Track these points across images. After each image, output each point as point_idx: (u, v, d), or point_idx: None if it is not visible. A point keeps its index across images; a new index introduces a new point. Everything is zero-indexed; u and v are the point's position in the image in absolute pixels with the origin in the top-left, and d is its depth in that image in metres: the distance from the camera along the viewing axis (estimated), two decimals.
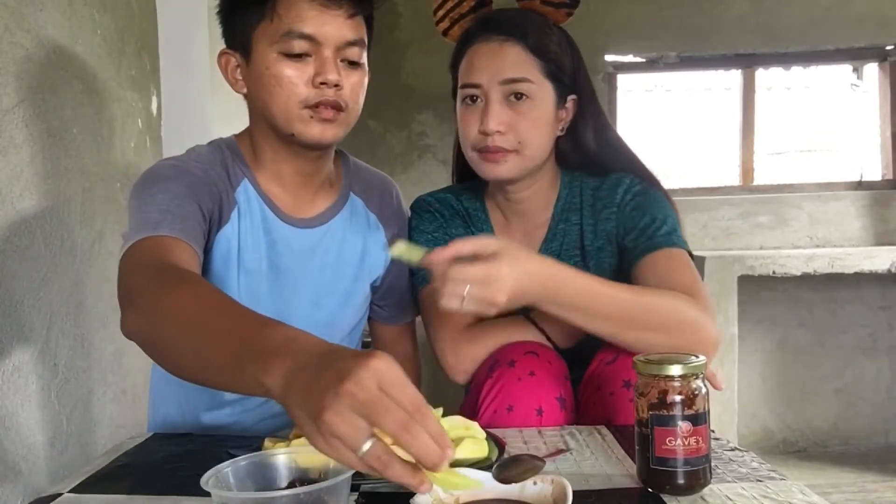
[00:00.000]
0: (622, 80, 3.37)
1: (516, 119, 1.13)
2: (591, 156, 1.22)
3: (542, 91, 1.15)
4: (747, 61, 3.33)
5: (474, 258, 0.89)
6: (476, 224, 1.26)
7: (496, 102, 1.13)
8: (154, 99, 1.92)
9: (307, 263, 1.13)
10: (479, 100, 1.15)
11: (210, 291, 0.76)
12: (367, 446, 0.53)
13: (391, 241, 1.23)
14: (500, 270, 0.89)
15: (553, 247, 1.23)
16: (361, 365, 0.54)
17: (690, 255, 1.15)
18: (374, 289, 1.25)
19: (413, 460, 0.55)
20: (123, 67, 1.72)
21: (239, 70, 1.06)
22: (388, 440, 0.55)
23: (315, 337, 0.62)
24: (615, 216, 1.19)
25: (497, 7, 1.22)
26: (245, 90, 1.07)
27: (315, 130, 1.01)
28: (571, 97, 1.19)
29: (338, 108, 1.01)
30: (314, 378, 0.55)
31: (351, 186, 1.20)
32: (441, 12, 1.22)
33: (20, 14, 1.28)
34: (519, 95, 1.13)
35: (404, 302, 1.28)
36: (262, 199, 1.09)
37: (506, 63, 1.14)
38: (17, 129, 1.27)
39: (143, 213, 0.94)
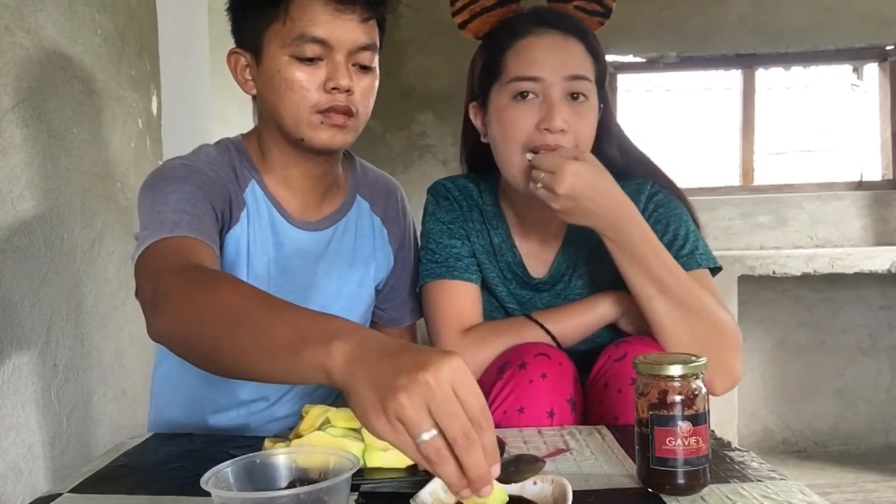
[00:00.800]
0: (622, 80, 3.37)
1: (576, 120, 1.08)
2: (613, 166, 1.20)
3: (594, 94, 1.12)
4: (747, 61, 3.33)
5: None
6: (490, 221, 1.23)
7: (560, 100, 1.07)
8: (154, 99, 1.92)
9: (314, 266, 1.12)
10: (530, 95, 1.08)
11: (250, 287, 0.75)
12: (428, 436, 0.54)
13: (395, 245, 1.23)
14: (567, 165, 1.00)
15: (570, 251, 1.21)
16: (443, 360, 0.55)
17: (717, 269, 1.15)
18: (377, 291, 1.25)
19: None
20: (123, 67, 1.72)
21: (248, 70, 1.04)
22: None
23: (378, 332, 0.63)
24: None
25: (524, 6, 1.17)
26: (254, 91, 1.05)
27: (325, 136, 1.00)
28: (601, 106, 1.16)
29: (348, 113, 1.00)
30: (389, 361, 0.56)
31: (358, 189, 1.19)
32: (459, 3, 1.17)
33: (20, 14, 1.28)
34: (576, 95, 1.08)
35: (406, 304, 1.28)
36: (270, 202, 1.08)
37: (571, 58, 1.09)
38: (17, 129, 1.27)
39: (157, 213, 0.92)
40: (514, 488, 0.70)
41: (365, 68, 1.02)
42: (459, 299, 1.17)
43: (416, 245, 1.27)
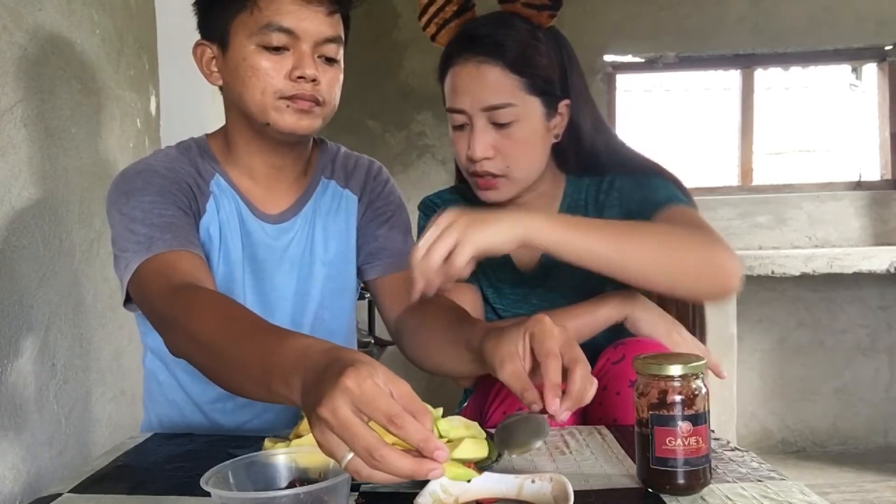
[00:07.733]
0: (621, 80, 3.37)
1: (502, 143, 1.11)
2: (589, 155, 1.20)
3: (528, 109, 1.11)
4: (746, 61, 3.33)
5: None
6: None
7: (480, 130, 1.10)
8: (153, 99, 1.92)
9: (283, 255, 1.12)
10: (461, 124, 1.13)
11: (222, 310, 0.81)
12: (346, 460, 0.57)
13: (365, 209, 1.18)
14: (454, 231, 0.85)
15: None
16: (333, 389, 0.57)
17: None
18: (367, 248, 1.18)
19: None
20: (122, 67, 1.72)
21: (214, 62, 1.06)
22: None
23: (323, 344, 0.67)
24: (618, 202, 1.17)
25: (480, 12, 1.16)
26: (220, 82, 1.07)
27: (291, 120, 1.01)
28: (564, 102, 1.15)
29: (315, 101, 1.01)
30: (315, 390, 0.60)
31: (324, 171, 1.17)
32: (425, 18, 1.18)
33: (19, 14, 1.28)
34: (498, 124, 1.10)
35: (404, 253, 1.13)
36: (235, 192, 1.09)
37: (485, 88, 1.09)
38: (15, 128, 1.27)
39: (130, 231, 0.97)
40: (513, 487, 0.70)
41: (330, 60, 1.03)
42: (462, 303, 1.17)
43: (405, 211, 1.22)
